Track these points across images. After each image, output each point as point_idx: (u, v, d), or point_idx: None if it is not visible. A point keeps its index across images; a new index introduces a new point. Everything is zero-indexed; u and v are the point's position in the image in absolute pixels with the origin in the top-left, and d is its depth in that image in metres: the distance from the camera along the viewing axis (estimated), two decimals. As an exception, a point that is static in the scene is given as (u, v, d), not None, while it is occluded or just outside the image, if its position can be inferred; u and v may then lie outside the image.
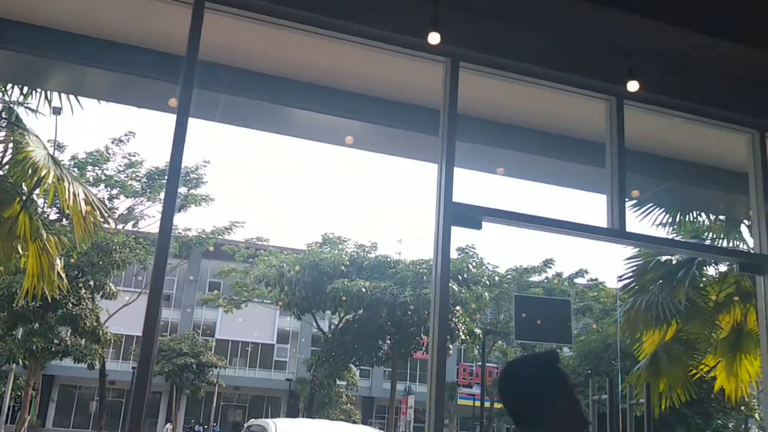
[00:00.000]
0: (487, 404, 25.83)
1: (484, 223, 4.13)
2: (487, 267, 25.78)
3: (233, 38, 4.28)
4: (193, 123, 3.69)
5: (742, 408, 17.19)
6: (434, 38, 3.86)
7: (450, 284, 22.65)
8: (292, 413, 34.04)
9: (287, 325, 39.22)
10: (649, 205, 9.38)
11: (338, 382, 29.03)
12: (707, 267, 9.96)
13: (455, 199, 3.99)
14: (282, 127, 5.48)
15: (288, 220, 52.15)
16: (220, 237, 25.62)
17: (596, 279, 27.60)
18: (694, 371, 10.07)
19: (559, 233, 4.40)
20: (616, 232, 4.39)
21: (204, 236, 25.19)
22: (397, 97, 4.94)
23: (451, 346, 25.85)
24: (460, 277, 23.63)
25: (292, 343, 40.74)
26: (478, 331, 24.88)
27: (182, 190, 22.83)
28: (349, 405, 31.16)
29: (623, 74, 4.26)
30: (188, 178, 22.98)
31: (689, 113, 4.76)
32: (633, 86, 4.24)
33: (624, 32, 4.44)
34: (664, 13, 4.44)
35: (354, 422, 28.75)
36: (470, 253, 24.92)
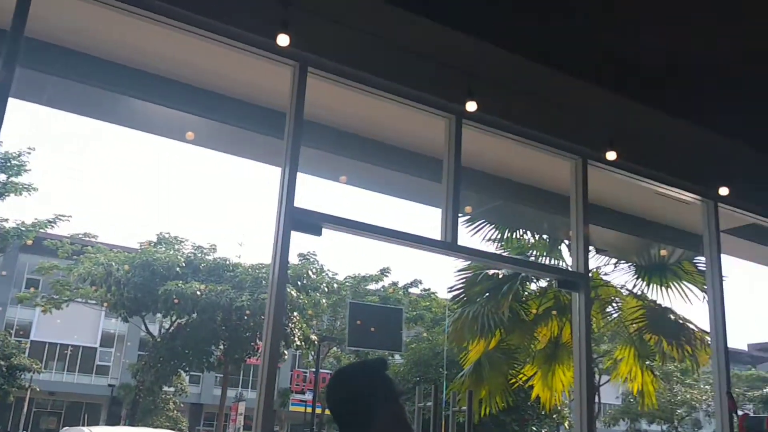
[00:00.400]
0: (318, 410, 25.86)
1: (324, 230, 4.13)
2: (326, 274, 25.88)
3: (67, 16, 3.98)
4: (15, 104, 3.38)
5: (555, 416, 18.50)
6: (283, 40, 3.82)
7: (289, 290, 22.32)
8: (114, 421, 32.13)
9: (113, 327, 37.03)
10: (480, 221, 9.84)
11: (166, 388, 27.83)
12: (530, 282, 10.63)
13: (297, 204, 3.96)
14: (118, 117, 5.19)
15: (120, 217, 49.38)
16: (41, 230, 23.68)
17: (429, 289, 28.59)
18: (514, 380, 10.69)
19: (396, 243, 4.50)
20: (448, 245, 4.56)
21: (23, 228, 23.18)
22: (244, 96, 4.84)
23: (286, 352, 25.67)
24: (299, 283, 23.54)
25: (118, 347, 38.52)
26: (314, 337, 24.89)
27: (0, 176, 20.90)
28: (176, 412, 29.95)
29: (463, 94, 4.44)
30: (8, 164, 21.07)
31: (521, 137, 5.05)
32: (471, 106, 4.43)
33: (466, 54, 4.64)
34: (504, 40, 4.70)
35: (180, 430, 27.69)
36: (311, 259, 24.92)
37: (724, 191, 5.67)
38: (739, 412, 5.40)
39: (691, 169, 5.75)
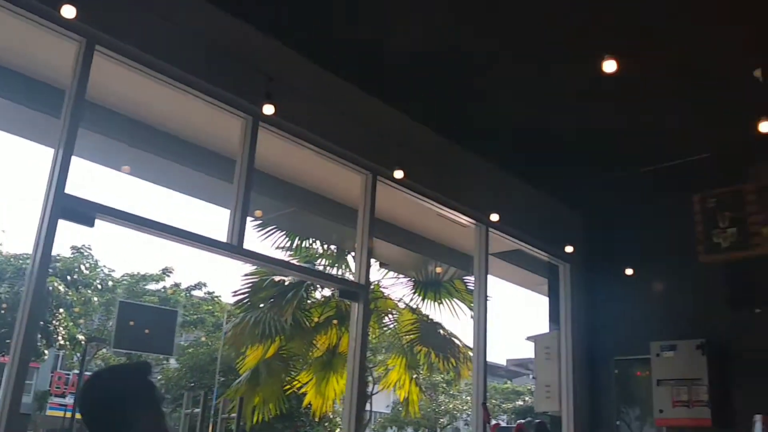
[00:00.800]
0: (79, 416, 24.01)
1: (99, 222, 3.84)
2: (102, 270, 24.16)
3: None
4: None
5: (327, 423, 18.83)
6: (69, 12, 3.50)
7: (56, 284, 20.39)
8: None
9: None
10: (272, 227, 9.82)
11: None
12: (315, 290, 10.77)
13: (68, 190, 3.64)
14: None
15: None
16: None
17: (213, 292, 27.82)
18: (288, 387, 10.74)
19: (178, 242, 4.31)
20: (233, 248, 4.45)
21: None
22: (19, 67, 4.39)
23: (46, 352, 23.54)
24: (69, 278, 21.74)
25: None
26: (81, 337, 23.09)
27: None
28: None
29: (262, 97, 4.38)
30: None
31: (317, 146, 5.08)
32: (269, 110, 4.38)
33: (267, 56, 4.60)
34: (305, 46, 4.72)
35: None
36: (85, 253, 23.14)
37: (494, 217, 6.15)
38: (492, 422, 5.86)
39: (469, 194, 6.17)
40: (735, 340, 6.14)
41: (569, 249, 7.07)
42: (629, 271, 6.99)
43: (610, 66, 3.92)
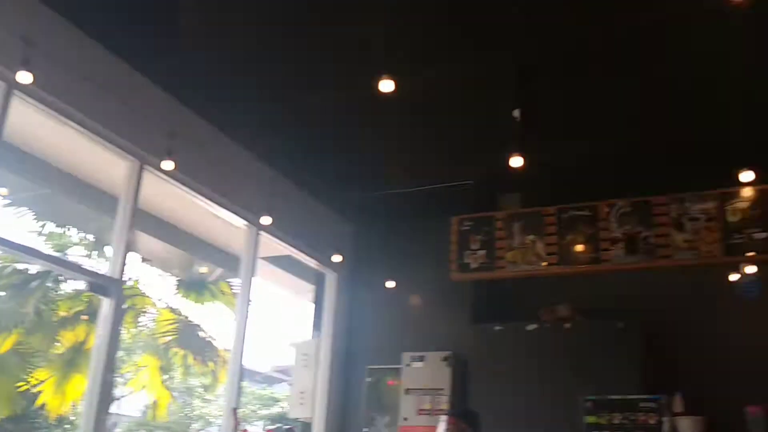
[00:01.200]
0: None
1: None
2: None
3: None
4: None
5: (67, 426, 17.39)
6: None
7: None
8: None
9: None
10: (22, 208, 9.00)
11: None
12: (65, 281, 9.93)
13: None
14: None
15: None
16: None
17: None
18: (23, 384, 9.75)
19: None
20: (-36, 225, 3.93)
21: None
22: None
23: None
24: None
25: None
26: None
27: None
28: None
29: (18, 62, 3.92)
30: None
31: (80, 125, 4.65)
32: (25, 77, 3.93)
33: (29, 18, 4.16)
34: (71, 11, 4.33)
35: None
36: None
37: (266, 220, 6.07)
38: (241, 428, 5.76)
39: (242, 194, 6.06)
40: (476, 354, 6.66)
41: (337, 258, 7.22)
42: (390, 284, 7.29)
43: (387, 85, 4.04)
